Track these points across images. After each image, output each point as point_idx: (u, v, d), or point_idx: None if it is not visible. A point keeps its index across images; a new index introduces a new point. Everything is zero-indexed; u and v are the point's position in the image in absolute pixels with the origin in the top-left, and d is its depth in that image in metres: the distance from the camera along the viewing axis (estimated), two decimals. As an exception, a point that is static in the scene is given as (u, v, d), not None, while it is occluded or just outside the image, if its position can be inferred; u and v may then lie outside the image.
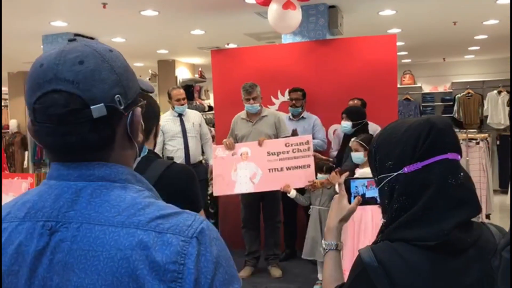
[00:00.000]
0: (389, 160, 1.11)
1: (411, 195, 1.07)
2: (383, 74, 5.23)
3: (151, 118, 1.83)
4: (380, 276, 1.03)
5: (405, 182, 1.08)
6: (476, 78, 11.19)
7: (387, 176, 1.11)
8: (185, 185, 1.81)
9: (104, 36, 7.06)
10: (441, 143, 1.09)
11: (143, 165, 1.76)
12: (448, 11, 6.20)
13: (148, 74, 10.47)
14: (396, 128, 1.14)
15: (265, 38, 7.43)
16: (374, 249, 1.08)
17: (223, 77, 5.81)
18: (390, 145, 1.12)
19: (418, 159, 1.08)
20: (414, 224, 1.05)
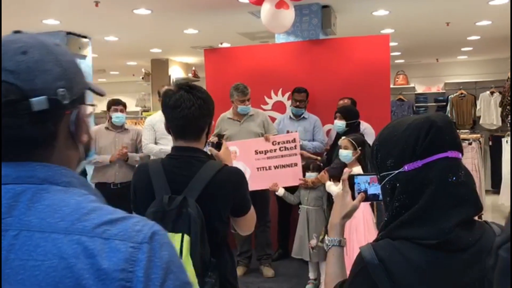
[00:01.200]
0: (390, 159, 1.11)
1: (411, 194, 1.07)
2: (376, 74, 5.24)
3: (204, 115, 1.81)
4: (380, 274, 1.03)
5: (406, 181, 1.08)
6: (469, 79, 11.24)
7: (388, 174, 1.11)
8: (235, 188, 1.83)
9: (97, 34, 7.02)
10: (440, 141, 1.08)
11: (195, 166, 1.77)
12: (441, 11, 6.22)
13: (141, 73, 10.44)
14: (397, 127, 1.14)
15: (259, 37, 7.42)
16: (375, 246, 1.07)
17: (216, 77, 5.80)
18: (391, 144, 1.12)
19: (418, 158, 1.08)
20: (415, 223, 1.05)
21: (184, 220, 1.64)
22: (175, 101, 1.77)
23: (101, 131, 5.00)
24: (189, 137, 1.82)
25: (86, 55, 7.05)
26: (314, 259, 4.41)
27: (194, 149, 1.83)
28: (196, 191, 1.70)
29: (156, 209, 1.68)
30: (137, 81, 11.40)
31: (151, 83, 10.09)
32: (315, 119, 5.01)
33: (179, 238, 1.62)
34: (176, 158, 1.82)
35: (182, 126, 1.80)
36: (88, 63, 7.14)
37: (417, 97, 11.64)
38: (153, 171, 1.80)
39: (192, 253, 1.62)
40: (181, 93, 1.77)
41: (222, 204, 1.79)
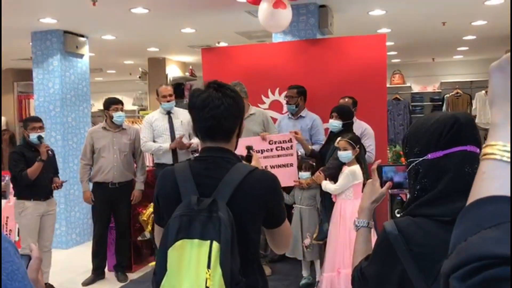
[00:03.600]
0: (417, 147, 1.29)
1: (432, 178, 1.24)
2: (373, 73, 5.26)
3: (234, 115, 1.71)
4: (399, 242, 1.20)
5: (428, 167, 1.25)
6: (465, 78, 11.31)
7: (414, 160, 1.29)
8: (269, 193, 1.70)
9: (94, 33, 7.03)
10: (462, 135, 1.24)
11: (224, 168, 1.66)
12: (437, 11, 6.26)
13: (138, 72, 10.44)
14: (426, 120, 1.31)
15: (256, 37, 7.44)
16: (396, 221, 1.25)
17: (214, 76, 5.79)
18: (419, 135, 1.29)
19: (440, 148, 1.24)
20: (434, 203, 1.22)
21: (214, 225, 1.51)
22: (203, 100, 1.66)
23: (98, 131, 4.97)
24: (218, 139, 1.71)
25: (84, 54, 7.05)
26: (307, 258, 4.44)
27: (224, 149, 1.71)
28: (226, 194, 1.58)
29: (182, 212, 1.55)
30: (134, 80, 11.40)
31: (148, 82, 10.09)
32: (313, 118, 4.99)
33: (207, 247, 1.48)
34: (204, 159, 1.71)
35: (210, 126, 1.68)
36: (86, 62, 7.15)
37: (413, 96, 11.69)
38: (179, 173, 1.68)
39: (222, 263, 1.47)
40: (209, 92, 1.67)
41: (254, 210, 1.66)
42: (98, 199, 4.93)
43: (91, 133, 4.98)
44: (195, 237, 1.50)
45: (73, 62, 6.89)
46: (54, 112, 6.61)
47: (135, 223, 5.47)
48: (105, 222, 5.05)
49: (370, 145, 4.62)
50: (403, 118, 11.05)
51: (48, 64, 6.67)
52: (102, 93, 12.87)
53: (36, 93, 6.74)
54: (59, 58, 6.63)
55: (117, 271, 5.13)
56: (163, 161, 4.99)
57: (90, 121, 7.20)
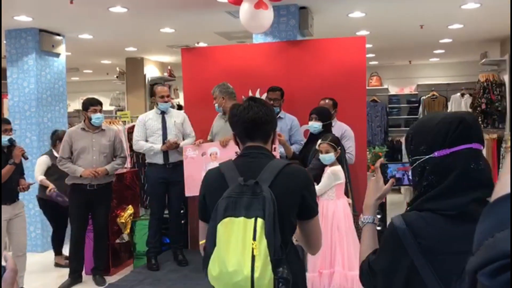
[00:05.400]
0: (423, 145, 1.33)
1: (439, 175, 1.30)
2: (353, 75, 5.30)
3: (270, 121, 1.96)
4: (407, 236, 1.26)
5: (435, 164, 1.31)
6: (441, 81, 11.49)
7: (420, 158, 1.34)
8: (304, 184, 1.89)
9: (70, 32, 6.90)
10: (467, 134, 1.30)
11: (264, 160, 1.88)
12: (415, 14, 6.33)
13: (115, 72, 10.30)
14: (431, 119, 1.37)
15: (236, 37, 7.42)
16: (404, 215, 1.31)
17: (194, 76, 5.77)
18: (424, 133, 1.35)
19: (447, 146, 1.30)
20: (440, 198, 1.28)
21: (258, 203, 1.69)
22: (244, 108, 1.94)
23: (77, 132, 4.84)
24: (257, 139, 1.95)
25: (60, 53, 6.92)
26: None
27: (262, 147, 1.95)
28: (268, 179, 1.79)
29: (229, 194, 1.74)
30: (111, 80, 11.25)
31: (125, 82, 9.97)
32: (292, 119, 4.99)
33: (252, 222, 1.66)
34: (246, 155, 1.93)
35: (251, 128, 1.93)
36: (62, 61, 7.01)
37: (390, 98, 11.81)
38: (224, 168, 1.89)
39: (267, 235, 1.65)
40: (249, 102, 1.95)
41: (292, 195, 1.84)
42: (75, 201, 4.83)
43: (70, 134, 4.86)
44: (240, 216, 1.69)
45: (49, 61, 6.76)
46: (29, 112, 6.47)
47: (113, 226, 5.39)
48: (83, 224, 4.94)
49: (350, 147, 4.63)
50: (381, 120, 11.16)
51: (23, 63, 6.52)
52: (78, 93, 12.69)
53: (11, 93, 6.57)
54: (35, 57, 6.48)
55: (95, 275, 5.04)
56: (154, 161, 5.02)
57: (67, 121, 7.06)
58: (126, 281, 4.82)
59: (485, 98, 8.08)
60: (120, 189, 5.59)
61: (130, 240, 5.56)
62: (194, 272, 4.92)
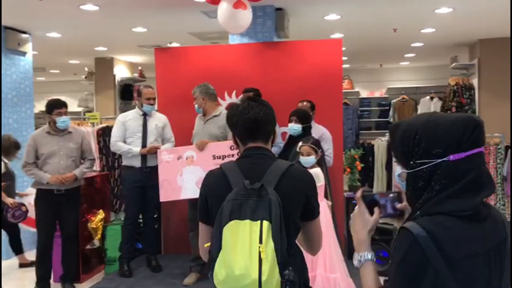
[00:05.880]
0: (437, 148, 1.26)
1: (453, 179, 1.25)
2: (329, 78, 5.28)
3: (271, 121, 1.94)
4: (430, 244, 1.18)
5: (449, 168, 1.25)
6: (410, 84, 11.68)
7: (431, 161, 1.27)
8: (308, 184, 1.90)
9: (38, 30, 6.65)
10: (479, 138, 1.28)
11: (267, 161, 1.87)
12: (390, 17, 6.38)
13: (83, 72, 10.03)
14: (442, 120, 1.29)
15: (209, 38, 7.31)
16: (419, 222, 1.22)
17: (167, 77, 5.63)
18: (439, 135, 1.27)
19: (462, 150, 1.25)
20: (453, 200, 1.24)
21: (264, 205, 1.68)
22: (244, 108, 1.90)
23: (42, 136, 4.59)
24: (259, 140, 1.92)
25: (27, 52, 6.66)
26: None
27: (264, 148, 1.93)
28: (273, 181, 1.77)
29: (234, 197, 1.72)
30: (79, 81, 10.95)
31: (94, 82, 9.71)
32: None
33: (258, 225, 1.65)
34: (249, 156, 1.91)
35: (252, 128, 1.90)
36: (29, 60, 6.75)
37: (361, 101, 11.93)
38: (228, 169, 1.85)
39: (274, 237, 1.64)
40: (248, 102, 1.93)
41: (297, 197, 1.84)
42: (42, 207, 4.61)
43: (34, 138, 4.61)
44: (246, 218, 1.66)
45: (15, 60, 6.49)
46: (-7, 113, 6.19)
47: (84, 231, 5.19)
48: (50, 230, 4.71)
49: (328, 149, 4.60)
50: (352, 123, 11.25)
51: (-13, 61, 6.24)
52: (44, 93, 12.27)
53: (-27, 93, 6.28)
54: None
55: (64, 282, 4.83)
56: (131, 164, 4.87)
57: (34, 122, 6.80)
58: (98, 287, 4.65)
59: (455, 102, 8.21)
60: (90, 193, 5.40)
61: (101, 245, 5.37)
62: (169, 277, 4.79)
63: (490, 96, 7.94)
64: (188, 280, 4.60)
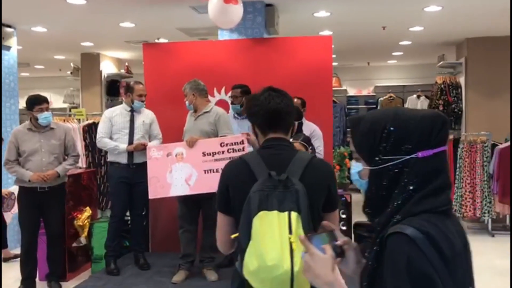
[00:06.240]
0: (407, 144, 1.19)
1: (426, 177, 1.19)
2: (319, 74, 5.26)
3: (291, 112, 1.94)
4: (428, 245, 1.11)
5: (417, 166, 1.19)
6: (397, 83, 11.73)
7: (398, 158, 1.20)
8: (330, 176, 1.91)
9: (23, 24, 6.52)
10: (447, 136, 1.24)
11: (289, 152, 1.87)
12: (379, 15, 6.38)
13: (68, 67, 9.89)
14: (411, 115, 1.23)
15: (198, 34, 7.25)
16: (410, 223, 1.14)
17: (156, 73, 5.56)
18: (409, 130, 1.20)
19: (430, 147, 1.19)
20: (432, 196, 1.19)
21: (292, 197, 1.69)
22: (265, 98, 1.89)
23: (24, 133, 4.49)
24: (280, 130, 1.91)
25: (11, 46, 6.52)
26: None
27: (285, 139, 1.92)
28: (297, 172, 1.77)
29: (260, 188, 1.71)
30: (64, 76, 10.79)
31: (80, 78, 9.57)
32: None
33: (285, 217, 1.65)
34: (270, 147, 1.89)
35: (273, 119, 1.89)
36: (13, 55, 6.62)
37: (348, 99, 11.95)
38: (251, 160, 1.84)
39: (304, 227, 1.65)
40: (269, 92, 1.91)
41: (320, 188, 1.84)
42: (25, 205, 4.52)
43: (16, 134, 4.51)
44: (273, 209, 1.67)
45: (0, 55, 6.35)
46: (-24, 109, 6.06)
47: (70, 229, 5.11)
48: (34, 229, 4.62)
49: (319, 146, 4.58)
50: (339, 121, 11.26)
51: (-30, 55, 6.11)
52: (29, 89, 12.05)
53: (-44, 87, 6.14)
54: (-17, 50, 6.08)
55: (49, 281, 4.75)
56: (117, 160, 4.79)
57: (18, 118, 6.67)
58: (85, 286, 4.57)
59: (442, 100, 8.27)
60: (76, 190, 5.32)
61: (88, 243, 5.30)
62: (157, 275, 4.73)
63: (476, 94, 8.01)
64: (177, 278, 4.55)
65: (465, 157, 6.90)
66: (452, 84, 8.32)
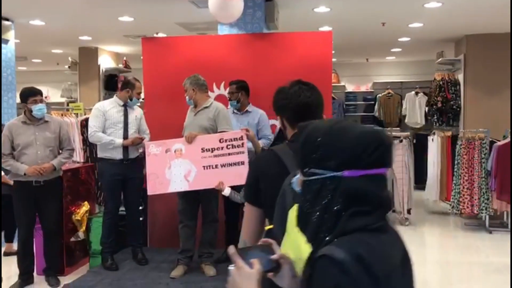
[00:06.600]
0: (333, 160, 1.15)
1: (349, 198, 1.13)
2: (319, 70, 5.23)
3: (321, 105, 1.96)
4: (357, 269, 1.05)
5: (344, 185, 1.13)
6: (396, 79, 11.73)
7: (323, 173, 1.15)
8: None
9: (21, 17, 6.47)
10: (383, 158, 1.16)
11: None
12: (379, 11, 6.36)
13: (66, 61, 9.84)
14: (347, 130, 1.18)
15: (197, 28, 7.21)
16: (339, 245, 1.08)
17: (155, 68, 5.53)
18: (338, 146, 1.16)
19: (360, 167, 1.13)
20: (362, 215, 1.13)
21: None
22: (295, 91, 1.91)
23: (18, 126, 4.46)
24: None
25: (9, 39, 6.48)
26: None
27: None
28: None
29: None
30: (62, 71, 10.74)
31: (78, 72, 9.53)
32: (259, 113, 4.89)
33: None
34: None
35: (303, 112, 1.89)
36: (11, 49, 6.58)
37: (347, 95, 11.95)
38: (282, 152, 1.85)
39: None
40: (299, 86, 1.94)
41: None
42: (21, 199, 4.50)
43: (10, 128, 4.47)
44: None
45: None
46: (-26, 102, 6.03)
47: (68, 223, 5.09)
48: (30, 223, 4.60)
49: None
50: (338, 117, 11.28)
51: (-32, 48, 6.07)
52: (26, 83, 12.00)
53: (-47, 81, 6.10)
54: (-20, 43, 6.04)
55: (47, 275, 4.73)
56: (111, 156, 4.75)
57: (16, 113, 6.64)
58: (83, 281, 4.56)
59: (441, 96, 8.27)
60: (74, 185, 5.29)
61: (86, 238, 5.28)
62: (156, 270, 4.72)
63: (475, 91, 8.01)
64: (175, 273, 4.54)
65: (463, 154, 6.91)
66: (451, 81, 8.32)
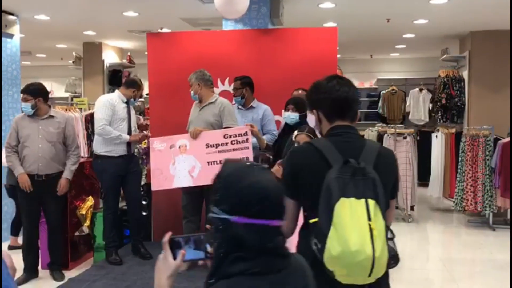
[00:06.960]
0: (225, 204, 1.22)
1: (233, 243, 1.20)
2: (323, 66, 5.21)
3: (357, 101, 1.99)
4: None
5: (231, 230, 1.20)
6: (400, 76, 11.70)
7: (217, 214, 1.23)
8: (394, 167, 1.97)
9: (26, 12, 6.47)
10: (268, 212, 1.22)
11: (359, 140, 1.92)
12: (384, 7, 6.34)
13: (70, 57, 9.85)
14: (241, 179, 1.24)
15: (201, 24, 7.21)
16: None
17: (160, 63, 5.52)
18: (231, 191, 1.23)
19: (246, 215, 1.20)
20: (245, 260, 1.19)
21: (368, 185, 1.73)
22: (333, 86, 1.93)
23: (24, 119, 4.55)
24: (347, 118, 1.95)
25: (14, 34, 6.49)
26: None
27: (353, 127, 1.97)
28: (370, 160, 1.81)
29: (339, 175, 1.74)
30: (66, 65, 10.75)
31: (82, 67, 9.54)
32: (264, 108, 4.89)
33: (362, 204, 1.69)
34: (339, 134, 1.93)
35: (342, 106, 1.93)
36: (16, 43, 6.59)
37: (351, 91, 11.93)
38: (322, 146, 1.87)
39: (383, 214, 1.72)
40: (337, 80, 1.96)
41: (390, 178, 1.91)
42: (23, 194, 4.53)
43: (17, 121, 4.59)
44: (351, 196, 1.70)
45: (1, 43, 6.31)
46: (-21, 97, 6.04)
47: (72, 218, 5.11)
48: (34, 217, 4.64)
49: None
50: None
51: (-28, 43, 6.07)
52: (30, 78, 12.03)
53: (-42, 75, 6.11)
54: (-15, 37, 6.04)
55: (52, 270, 4.76)
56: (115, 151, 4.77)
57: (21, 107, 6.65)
58: (88, 275, 4.58)
59: (445, 93, 8.25)
60: (79, 180, 5.30)
61: (90, 232, 5.30)
62: (160, 266, 4.74)
63: (479, 88, 7.98)
64: (180, 268, 4.56)
65: (467, 151, 6.90)
66: (455, 78, 8.29)
